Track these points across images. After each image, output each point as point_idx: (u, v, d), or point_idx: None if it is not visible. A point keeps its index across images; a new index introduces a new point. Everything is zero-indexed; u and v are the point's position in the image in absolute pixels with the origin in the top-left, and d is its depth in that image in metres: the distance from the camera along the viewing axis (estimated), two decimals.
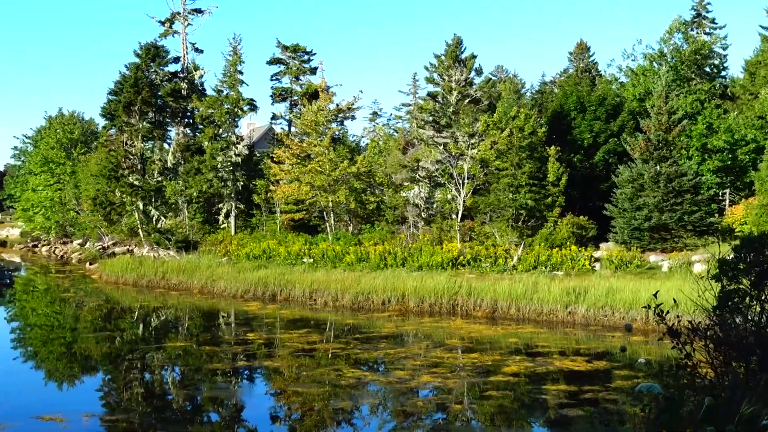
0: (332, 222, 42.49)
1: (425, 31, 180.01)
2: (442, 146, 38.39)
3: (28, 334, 27.02)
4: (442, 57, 41.85)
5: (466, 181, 36.88)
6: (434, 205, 41.14)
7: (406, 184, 41.43)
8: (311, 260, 35.82)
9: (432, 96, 43.63)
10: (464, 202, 36.94)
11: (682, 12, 79.96)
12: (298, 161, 42.41)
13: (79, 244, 58.30)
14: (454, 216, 37.83)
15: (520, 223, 36.46)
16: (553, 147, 37.77)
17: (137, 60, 51.70)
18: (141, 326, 27.37)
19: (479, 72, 43.10)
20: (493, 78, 63.51)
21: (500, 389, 16.71)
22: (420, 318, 27.00)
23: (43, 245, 66.22)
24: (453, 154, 37.27)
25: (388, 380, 17.74)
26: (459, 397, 16.37)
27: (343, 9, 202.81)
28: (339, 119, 48.25)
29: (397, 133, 55.55)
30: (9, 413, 15.04)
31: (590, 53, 58.71)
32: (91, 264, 47.61)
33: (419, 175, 40.26)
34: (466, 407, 15.74)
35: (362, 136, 64.25)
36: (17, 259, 61.46)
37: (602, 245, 34.83)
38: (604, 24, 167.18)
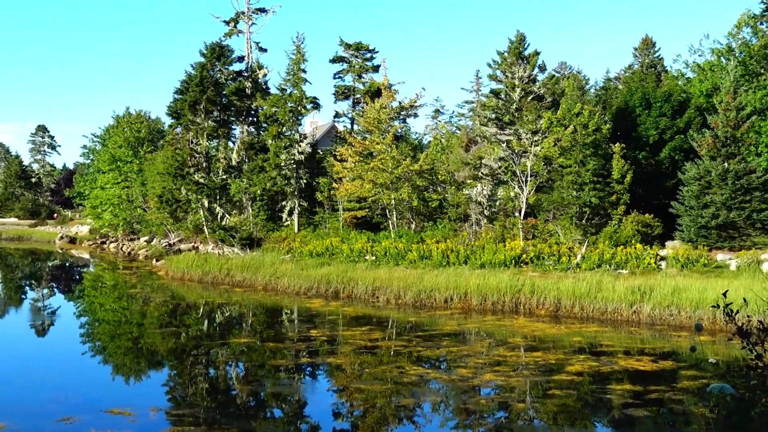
0: (395, 219, 42.55)
1: (488, 28, 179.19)
2: (505, 143, 38.20)
3: (96, 329, 27.52)
4: (505, 54, 41.59)
5: (529, 178, 36.65)
6: (497, 203, 40.96)
7: (468, 181, 41.28)
8: (373, 258, 35.93)
9: (495, 93, 43.38)
10: (527, 199, 36.71)
11: (751, 5, 78.30)
12: (361, 159, 42.57)
13: (145, 241, 59.28)
14: (516, 214, 37.63)
15: (583, 221, 36.12)
16: (617, 144, 37.32)
17: (202, 59, 52.33)
18: (206, 322, 27.71)
19: (542, 69, 42.72)
20: (557, 75, 62.84)
21: (563, 388, 16.57)
22: (482, 316, 26.88)
23: (111, 242, 67.48)
24: (516, 151, 37.07)
25: (450, 378, 17.70)
26: (521, 396, 16.27)
27: (405, 6, 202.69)
28: (401, 117, 48.32)
29: (459, 130, 55.27)
30: (79, 406, 15.37)
31: (656, 49, 57.85)
32: (157, 260, 48.38)
33: (482, 173, 40.11)
34: (528, 406, 15.63)
35: (425, 134, 64.24)
36: (86, 256, 62.68)
37: (668, 243, 34.28)
38: (670, 19, 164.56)
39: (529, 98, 40.77)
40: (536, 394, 16.42)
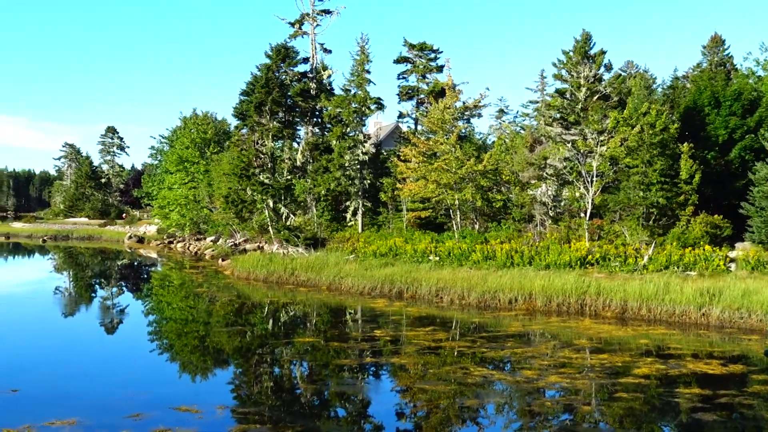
0: (458, 220, 42.44)
1: (553, 28, 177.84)
2: (570, 143, 37.82)
3: (163, 327, 27.94)
4: (571, 53, 41.21)
5: (594, 178, 36.23)
6: (562, 203, 40.56)
7: (533, 181, 40.96)
8: (437, 258, 35.87)
9: (560, 93, 43.01)
10: (593, 200, 36.29)
11: None
12: (425, 159, 42.54)
13: (211, 241, 60.03)
14: (582, 214, 37.22)
15: (651, 222, 35.57)
16: (685, 144, 36.70)
17: (268, 61, 52.86)
18: (271, 321, 27.94)
19: (608, 68, 42.22)
20: (623, 74, 61.94)
21: (630, 391, 16.35)
22: (547, 317, 26.67)
23: (178, 242, 68.53)
24: (581, 151, 36.68)
25: (514, 379, 17.59)
26: (587, 399, 16.09)
27: (469, 7, 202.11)
28: (465, 117, 48.20)
29: (524, 130, 54.84)
30: (148, 403, 15.63)
31: (725, 47, 56.66)
32: (223, 260, 48.95)
33: (547, 173, 39.76)
34: (594, 409, 15.45)
35: (489, 134, 63.76)
36: (154, 255, 63.70)
37: (738, 245, 33.57)
38: (740, 17, 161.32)
39: (595, 98, 40.33)
40: (602, 397, 16.23)
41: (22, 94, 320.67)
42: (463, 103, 46.45)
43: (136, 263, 58.95)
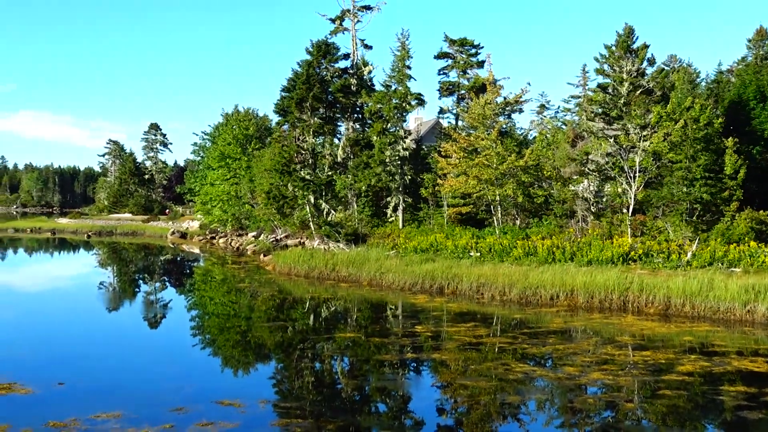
0: (499, 216, 42.31)
1: (595, 22, 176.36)
2: (612, 139, 37.53)
3: (206, 322, 28.18)
4: (613, 47, 40.87)
5: (637, 174, 35.93)
6: (604, 199, 40.28)
7: (574, 177, 40.72)
8: (478, 254, 35.78)
9: (602, 87, 42.67)
10: (635, 195, 35.99)
11: None
12: (466, 155, 42.43)
13: (253, 236, 60.34)
14: (624, 210, 36.93)
15: (694, 218, 35.20)
16: (730, 138, 36.26)
17: (309, 57, 52.99)
18: (312, 317, 28.05)
19: (651, 62, 41.80)
20: (666, 68, 61.33)
21: (673, 388, 16.20)
22: (589, 314, 26.49)
23: (220, 237, 69.01)
24: (624, 146, 36.37)
25: (556, 376, 17.50)
26: (629, 396, 15.97)
27: (511, 1, 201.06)
28: (506, 112, 47.98)
29: (565, 125, 54.54)
30: (191, 396, 15.80)
31: None
32: (264, 255, 49.21)
33: (588, 169, 39.49)
34: (636, 406, 15.33)
35: (530, 129, 63.41)
36: (196, 251, 64.24)
37: None
38: None
39: (638, 92, 39.97)
40: (645, 394, 16.10)
41: (67, 92, 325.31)
42: (504, 98, 46.28)
43: (178, 258, 59.50)
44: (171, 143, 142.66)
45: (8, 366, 18.36)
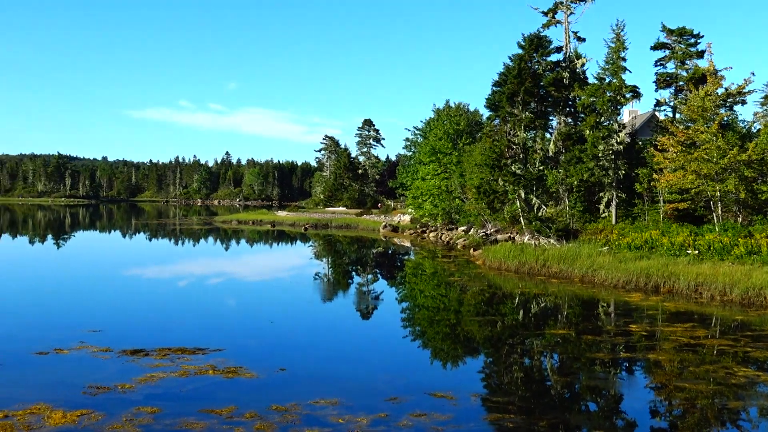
0: (719, 212, 40.51)
1: None
2: None
3: (416, 314, 28.65)
4: None
5: None
6: None
7: None
8: (696, 252, 34.42)
9: None
10: None
11: None
12: (683, 149, 40.89)
13: (463, 231, 60.73)
14: None
15: None
16: None
17: (520, 51, 52.67)
18: (521, 312, 27.93)
19: None
20: None
21: None
22: None
23: (431, 231, 69.88)
24: None
25: None
26: None
27: None
28: (728, 104, 45.76)
29: None
30: (404, 387, 16.16)
31: None
32: (474, 250, 49.43)
33: None
34: None
35: (754, 122, 60.24)
36: (407, 244, 65.33)
37: None
38: None
39: None
40: None
41: (285, 90, 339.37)
42: (726, 89, 44.15)
43: (390, 252, 60.72)
44: (384, 138, 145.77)
45: (236, 351, 19.43)
